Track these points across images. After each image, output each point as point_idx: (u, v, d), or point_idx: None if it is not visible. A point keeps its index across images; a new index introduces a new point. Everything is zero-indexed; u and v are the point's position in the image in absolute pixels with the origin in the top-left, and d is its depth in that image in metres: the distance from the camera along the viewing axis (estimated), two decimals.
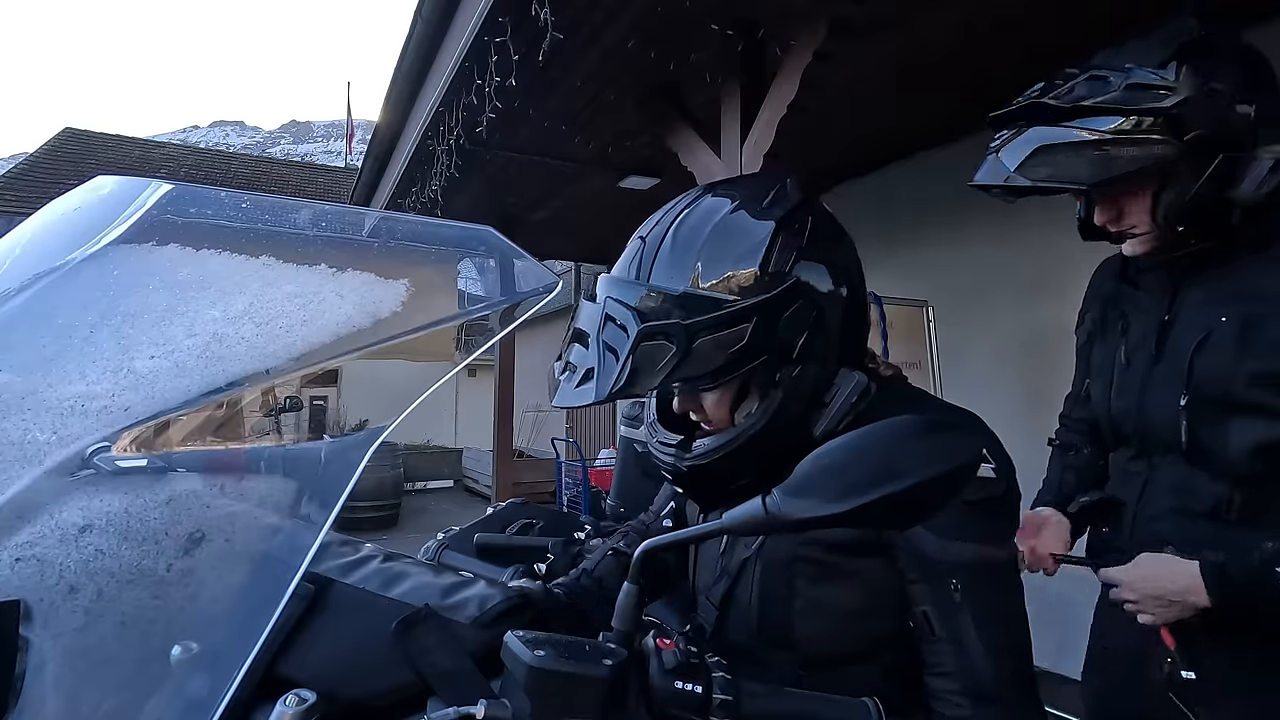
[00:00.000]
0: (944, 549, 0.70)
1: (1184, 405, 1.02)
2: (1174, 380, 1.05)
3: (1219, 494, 1.02)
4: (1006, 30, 2.63)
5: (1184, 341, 1.04)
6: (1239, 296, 1.00)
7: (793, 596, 0.78)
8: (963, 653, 0.69)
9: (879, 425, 0.56)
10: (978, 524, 0.70)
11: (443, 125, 3.49)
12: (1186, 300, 1.07)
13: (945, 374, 3.48)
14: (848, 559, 0.75)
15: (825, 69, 2.38)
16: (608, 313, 0.72)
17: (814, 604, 0.77)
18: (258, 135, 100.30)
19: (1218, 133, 0.93)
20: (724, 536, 0.83)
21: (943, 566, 0.70)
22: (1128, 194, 1.04)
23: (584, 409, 9.48)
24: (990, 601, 0.70)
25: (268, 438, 0.73)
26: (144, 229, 0.68)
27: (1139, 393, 1.11)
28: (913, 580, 0.72)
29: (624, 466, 1.32)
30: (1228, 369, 0.98)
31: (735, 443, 0.75)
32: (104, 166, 12.19)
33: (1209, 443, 1.02)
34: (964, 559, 0.70)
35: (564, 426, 9.30)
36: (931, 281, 3.72)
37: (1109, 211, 1.07)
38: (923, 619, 0.71)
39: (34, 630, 0.51)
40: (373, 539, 0.99)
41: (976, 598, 0.69)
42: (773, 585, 0.79)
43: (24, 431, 0.55)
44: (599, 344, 0.71)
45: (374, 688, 0.61)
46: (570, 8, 2.45)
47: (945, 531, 0.70)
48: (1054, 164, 0.99)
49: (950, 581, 0.70)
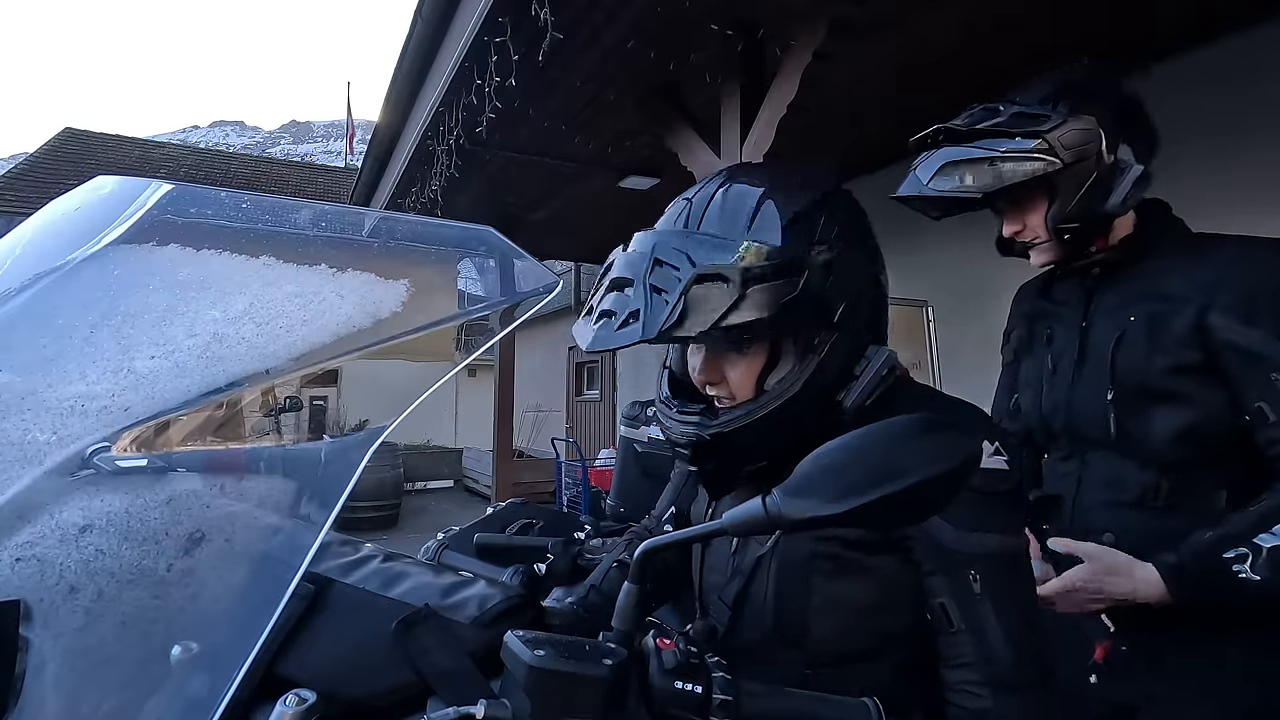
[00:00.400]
0: (962, 540, 0.71)
1: (1110, 399, 1.14)
2: (1099, 377, 1.17)
3: (1146, 482, 1.12)
4: (1006, 30, 2.63)
5: (1102, 341, 1.17)
6: (1143, 297, 1.14)
7: (810, 593, 0.78)
8: (982, 642, 0.69)
9: (878, 425, 0.56)
10: (994, 515, 0.72)
11: (443, 125, 3.50)
12: (1100, 305, 1.20)
13: (945, 374, 3.48)
14: (866, 555, 0.76)
15: (825, 69, 2.38)
16: (657, 256, 0.71)
17: (831, 600, 0.77)
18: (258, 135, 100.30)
19: (1089, 155, 1.11)
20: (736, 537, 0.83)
21: (961, 557, 0.71)
22: (1028, 208, 1.20)
23: (584, 407, 9.44)
24: (1009, 590, 0.71)
25: (268, 438, 0.74)
26: (144, 229, 0.68)
27: (1068, 393, 1.22)
28: (930, 572, 0.72)
29: (624, 466, 1.32)
30: (1142, 362, 1.11)
31: (767, 407, 0.74)
32: (104, 166, 12.19)
33: (1135, 432, 1.12)
34: (983, 549, 0.71)
35: (564, 426, 9.30)
36: (931, 281, 3.72)
37: (1015, 224, 1.23)
38: (940, 611, 0.72)
39: (34, 630, 0.51)
40: (373, 539, 0.98)
41: (995, 587, 0.70)
42: (790, 583, 0.79)
43: (24, 431, 0.55)
44: (645, 287, 0.70)
45: (374, 688, 0.61)
46: (570, 8, 2.45)
47: (963, 523, 0.71)
48: (958, 177, 1.19)
49: (969, 572, 0.70)
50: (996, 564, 0.71)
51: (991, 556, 0.71)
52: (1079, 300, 1.24)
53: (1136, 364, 1.11)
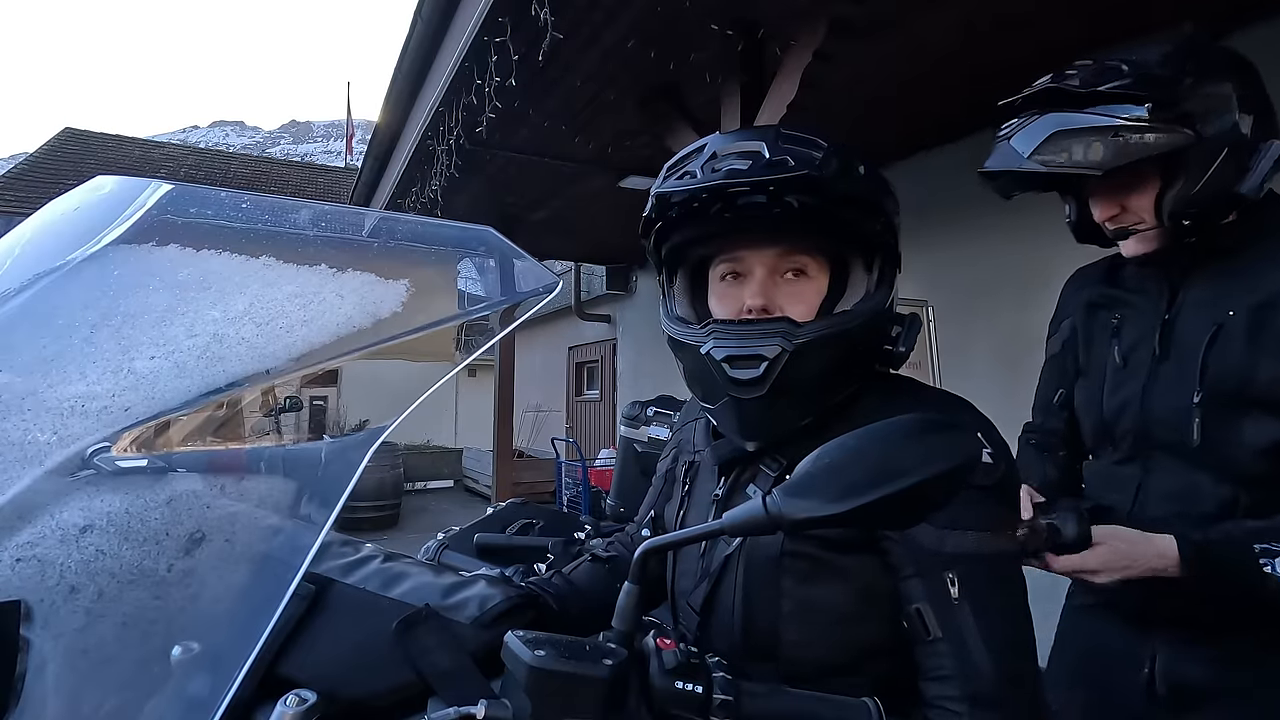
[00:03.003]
0: (940, 539, 0.66)
1: (1198, 403, 1.00)
2: (1184, 377, 1.03)
3: (1223, 496, 1.00)
4: (1006, 30, 2.63)
5: (1192, 337, 1.03)
6: (1245, 291, 0.99)
7: (779, 597, 0.73)
8: (962, 652, 0.64)
9: (878, 425, 0.56)
10: (974, 511, 0.67)
11: (443, 125, 3.50)
12: (1188, 299, 1.06)
13: (945, 374, 3.48)
14: (839, 555, 0.71)
15: (825, 69, 2.38)
16: None
17: (802, 605, 0.72)
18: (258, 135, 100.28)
19: (1225, 128, 0.96)
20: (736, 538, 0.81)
21: (939, 558, 0.66)
22: (1131, 189, 1.03)
23: (584, 407, 9.41)
24: (990, 594, 0.66)
25: (268, 438, 0.73)
26: (144, 229, 0.68)
27: (1141, 392, 1.09)
28: (906, 575, 0.68)
29: (624, 466, 1.32)
30: (1241, 365, 0.97)
31: (845, 324, 0.75)
32: (104, 166, 12.19)
33: (1221, 440, 1.00)
34: (961, 549, 0.66)
35: (564, 426, 9.30)
36: (931, 281, 3.71)
37: (1110, 208, 1.07)
38: (917, 618, 0.67)
39: (34, 630, 0.51)
40: (373, 539, 0.99)
41: (975, 591, 0.65)
42: (758, 585, 0.75)
43: (24, 432, 0.55)
44: None
45: (374, 688, 0.61)
46: (570, 8, 2.45)
47: (940, 520, 0.66)
48: (1069, 149, 0.99)
49: (947, 574, 0.66)
50: (977, 565, 0.66)
51: (971, 557, 0.66)
52: (1160, 289, 1.10)
53: (1235, 366, 0.98)
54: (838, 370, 0.76)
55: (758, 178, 0.71)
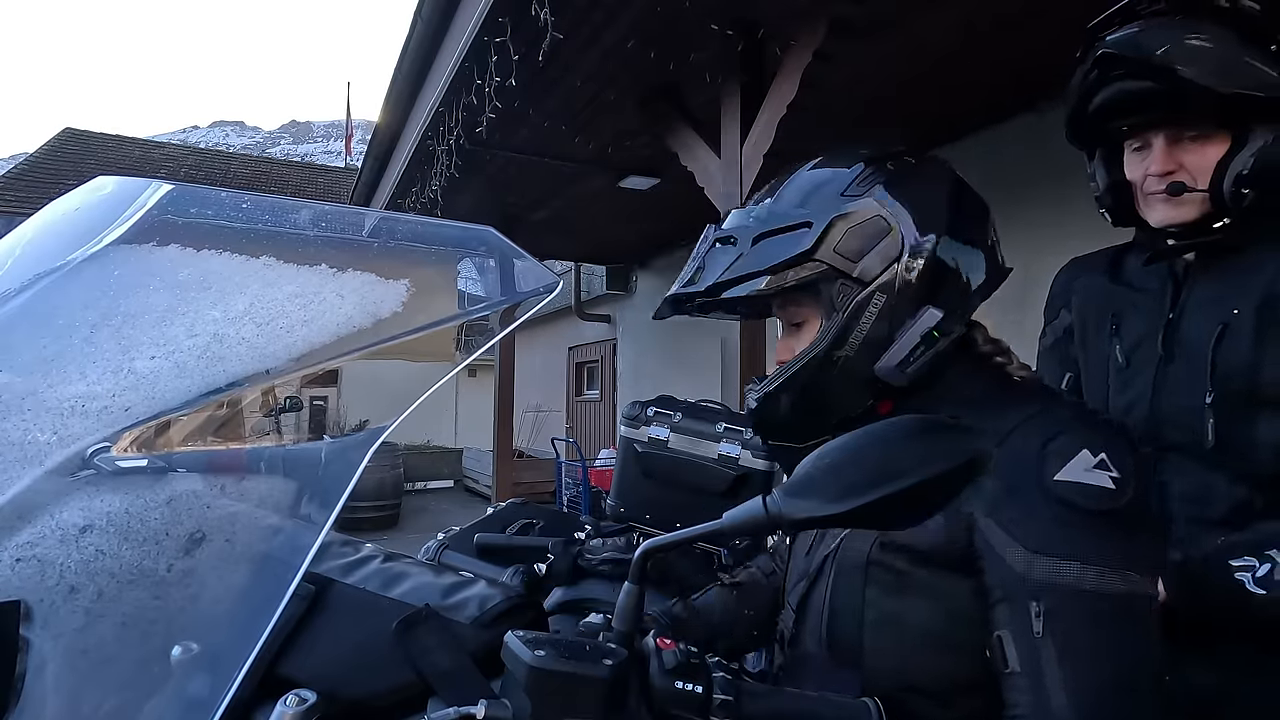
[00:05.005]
0: (1028, 564, 0.59)
1: (1210, 403, 0.98)
2: (1194, 377, 1.00)
3: (1239, 497, 0.97)
4: (1006, 30, 2.63)
5: (1198, 336, 1.00)
6: (1251, 288, 0.97)
7: (864, 605, 0.70)
8: (1039, 694, 0.57)
9: (878, 425, 0.56)
10: (1081, 539, 0.59)
11: (443, 125, 3.50)
12: (1192, 297, 1.04)
13: None
14: (929, 572, 0.67)
15: (825, 69, 2.38)
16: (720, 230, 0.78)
17: (887, 617, 0.69)
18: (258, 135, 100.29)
19: None
20: (813, 532, 0.79)
21: (1027, 585, 0.59)
22: (1196, 145, 0.98)
23: (584, 407, 9.44)
24: (1084, 636, 0.58)
25: (268, 438, 0.74)
26: (144, 229, 0.68)
27: (1149, 392, 1.06)
28: (995, 600, 0.62)
29: (624, 466, 1.32)
30: (1249, 363, 0.95)
31: (790, 370, 0.73)
32: (104, 166, 12.19)
33: (1236, 440, 0.97)
34: (1055, 579, 0.58)
35: (564, 426, 9.30)
36: None
37: (1168, 163, 0.99)
38: (998, 645, 0.61)
39: (34, 630, 0.51)
40: (373, 539, 0.99)
41: (1065, 630, 0.58)
42: (844, 590, 0.72)
43: (24, 432, 0.55)
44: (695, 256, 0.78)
45: (374, 688, 0.61)
46: (570, 8, 2.45)
47: (1034, 542, 0.60)
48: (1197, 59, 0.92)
49: (1031, 604, 0.59)
50: (1071, 601, 0.58)
51: (1064, 590, 0.58)
52: (1164, 287, 1.07)
53: (1242, 364, 0.96)
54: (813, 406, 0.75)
55: None
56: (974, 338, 0.79)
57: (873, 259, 0.70)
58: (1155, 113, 0.99)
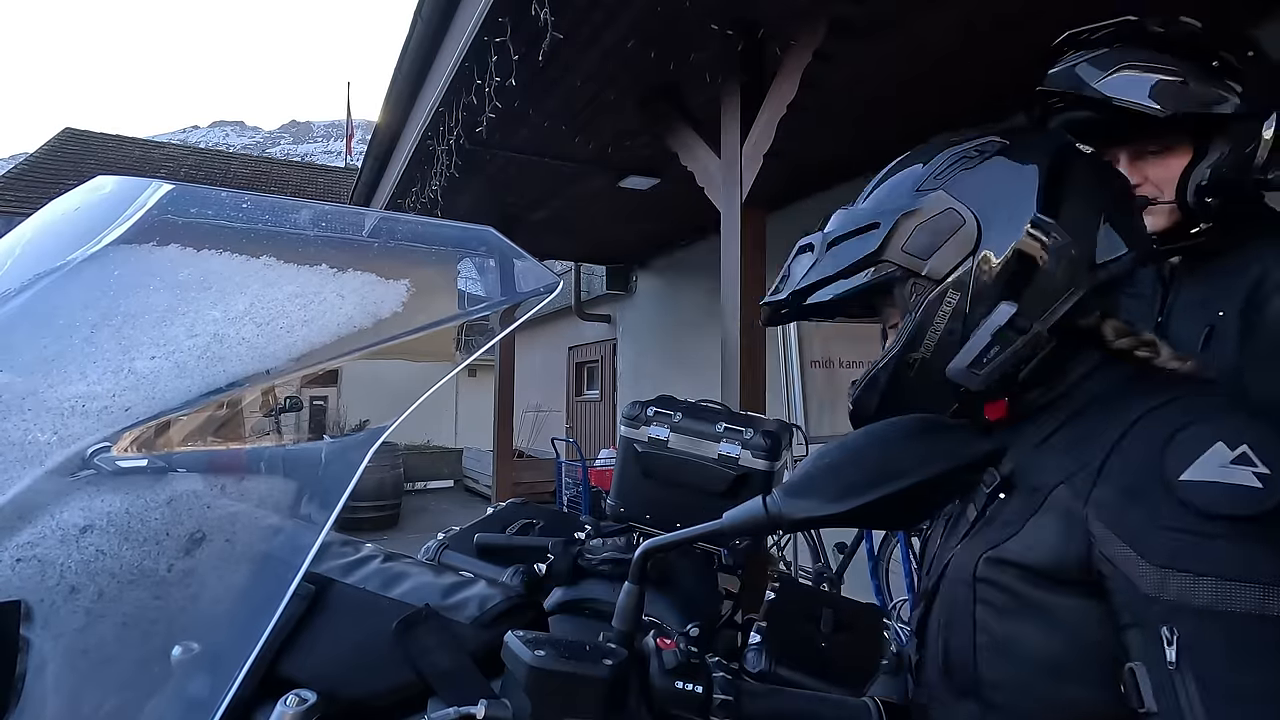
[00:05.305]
0: (1160, 582, 0.50)
1: None
2: None
3: None
4: (1006, 30, 2.62)
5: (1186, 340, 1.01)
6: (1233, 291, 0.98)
7: (975, 629, 0.62)
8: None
9: (879, 425, 0.56)
10: (1221, 550, 0.49)
11: (443, 125, 3.50)
12: (1179, 300, 1.06)
13: None
14: (1045, 592, 0.58)
15: (825, 69, 2.38)
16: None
17: (1000, 643, 0.61)
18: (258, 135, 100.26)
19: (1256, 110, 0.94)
20: (933, 548, 0.73)
21: (1158, 607, 0.50)
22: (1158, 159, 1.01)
23: (584, 407, 9.43)
24: (1230, 666, 0.48)
25: (268, 438, 0.74)
26: (144, 229, 0.68)
27: None
28: (1124, 625, 0.53)
29: (624, 466, 1.31)
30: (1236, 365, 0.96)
31: (872, 372, 0.70)
32: (104, 166, 12.18)
33: None
34: (1187, 599, 0.49)
35: (564, 426, 9.30)
36: None
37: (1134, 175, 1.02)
38: (1130, 681, 0.52)
39: (35, 630, 0.51)
40: (373, 539, 0.99)
41: (1205, 658, 0.48)
42: (954, 612, 0.65)
43: (25, 432, 0.55)
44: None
45: (374, 688, 0.61)
46: (570, 8, 2.45)
47: (1162, 556, 0.51)
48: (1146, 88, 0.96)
49: (1163, 629, 0.50)
50: (1209, 624, 0.49)
51: (1200, 612, 0.49)
52: (1153, 291, 1.08)
53: (1229, 366, 0.96)
54: (897, 407, 0.69)
55: None
56: (1103, 330, 0.68)
57: (944, 255, 0.65)
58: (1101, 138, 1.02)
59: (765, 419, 1.32)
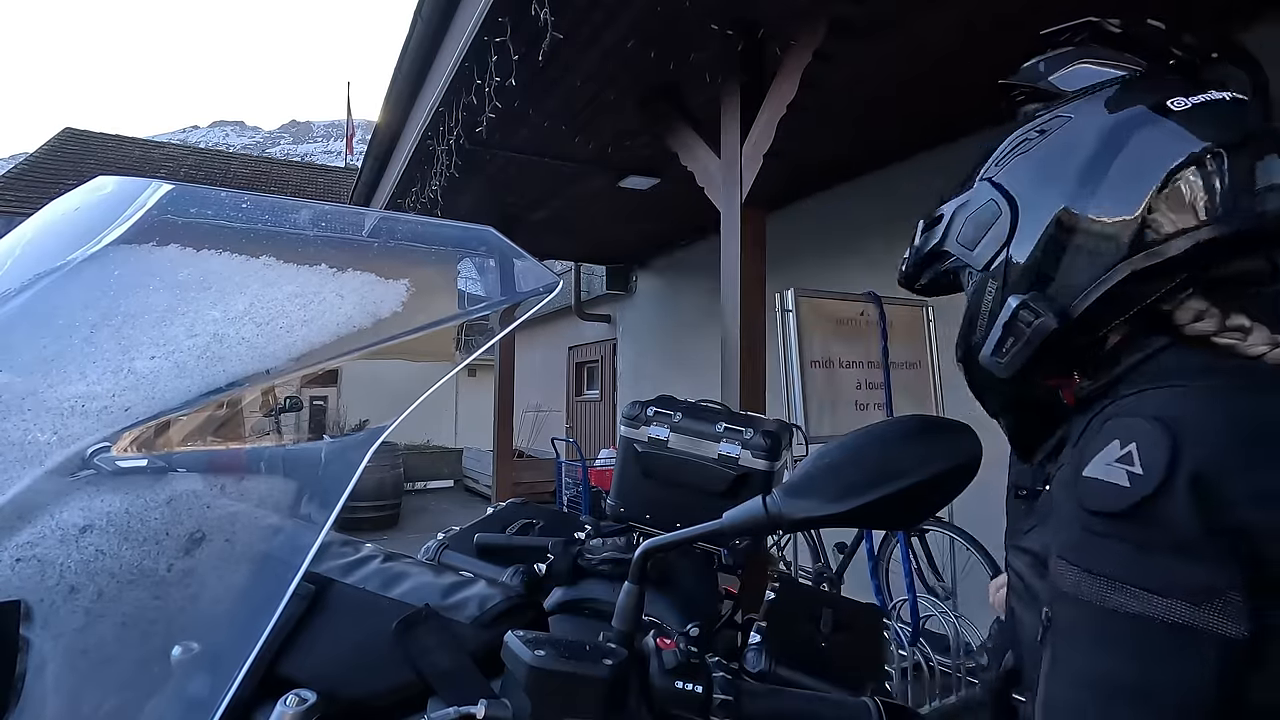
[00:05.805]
0: (1055, 569, 0.54)
1: None
2: None
3: None
4: (1006, 30, 2.62)
5: None
6: None
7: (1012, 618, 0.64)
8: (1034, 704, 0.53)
9: (878, 425, 0.56)
10: (1088, 542, 0.51)
11: (443, 125, 3.50)
12: None
13: (945, 374, 3.48)
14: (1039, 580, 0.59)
15: (825, 69, 2.38)
16: None
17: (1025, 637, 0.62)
18: (258, 135, 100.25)
19: None
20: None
21: (1050, 591, 0.54)
22: None
23: (584, 407, 9.42)
24: (1073, 650, 0.51)
25: (268, 438, 0.74)
26: (144, 229, 0.68)
27: None
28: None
29: (624, 466, 1.31)
30: None
31: (957, 356, 0.71)
32: (104, 166, 12.18)
33: None
34: (1060, 584, 0.52)
35: (564, 426, 9.30)
36: None
37: None
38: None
39: (34, 630, 0.51)
40: (373, 539, 0.99)
41: (1061, 641, 0.52)
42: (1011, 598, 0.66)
43: (24, 432, 0.55)
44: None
45: (374, 688, 0.61)
46: (570, 8, 2.45)
47: (1058, 545, 0.54)
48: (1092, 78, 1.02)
49: (1044, 610, 0.55)
50: (1069, 609, 0.52)
51: (1065, 597, 0.52)
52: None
53: None
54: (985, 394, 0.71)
55: None
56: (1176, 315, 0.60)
57: (986, 245, 0.66)
58: None
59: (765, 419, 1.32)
